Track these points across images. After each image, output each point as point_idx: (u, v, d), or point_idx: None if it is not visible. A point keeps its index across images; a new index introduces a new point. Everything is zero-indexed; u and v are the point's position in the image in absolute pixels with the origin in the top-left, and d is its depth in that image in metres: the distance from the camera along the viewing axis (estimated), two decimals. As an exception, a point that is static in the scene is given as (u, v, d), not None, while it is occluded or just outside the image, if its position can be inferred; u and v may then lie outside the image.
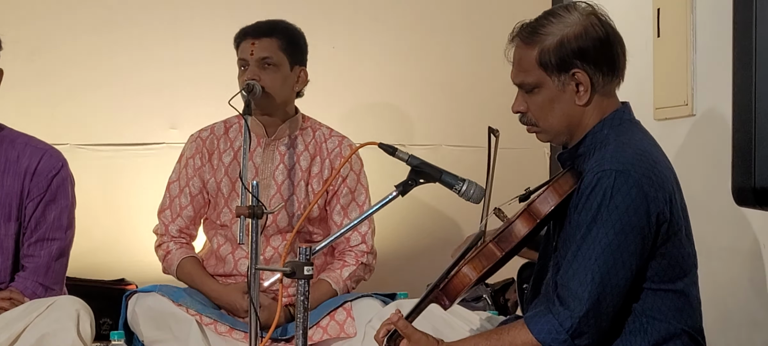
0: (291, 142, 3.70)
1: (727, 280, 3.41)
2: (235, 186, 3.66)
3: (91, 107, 4.45)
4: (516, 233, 2.54)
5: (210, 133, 3.74)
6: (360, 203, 3.71)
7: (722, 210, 3.44)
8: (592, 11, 2.56)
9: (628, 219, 2.43)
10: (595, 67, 2.53)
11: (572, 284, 2.45)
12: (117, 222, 4.44)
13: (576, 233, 2.48)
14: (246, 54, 3.60)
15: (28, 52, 4.31)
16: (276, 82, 3.58)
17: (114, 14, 4.47)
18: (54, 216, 3.38)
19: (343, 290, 3.66)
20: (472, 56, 4.70)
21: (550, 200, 2.54)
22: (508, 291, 4.08)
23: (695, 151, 3.63)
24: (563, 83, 2.55)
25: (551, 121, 2.59)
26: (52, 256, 3.38)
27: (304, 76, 3.71)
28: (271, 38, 3.61)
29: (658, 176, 2.49)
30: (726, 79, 3.48)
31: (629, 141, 2.54)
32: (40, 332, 3.10)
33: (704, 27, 3.61)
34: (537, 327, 2.47)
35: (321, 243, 2.81)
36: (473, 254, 2.56)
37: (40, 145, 3.43)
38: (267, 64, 3.59)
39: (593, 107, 2.57)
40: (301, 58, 3.71)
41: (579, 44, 2.52)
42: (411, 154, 2.81)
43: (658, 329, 2.53)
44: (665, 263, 2.53)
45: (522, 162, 4.64)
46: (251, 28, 3.66)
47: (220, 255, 3.71)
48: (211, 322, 3.46)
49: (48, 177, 3.37)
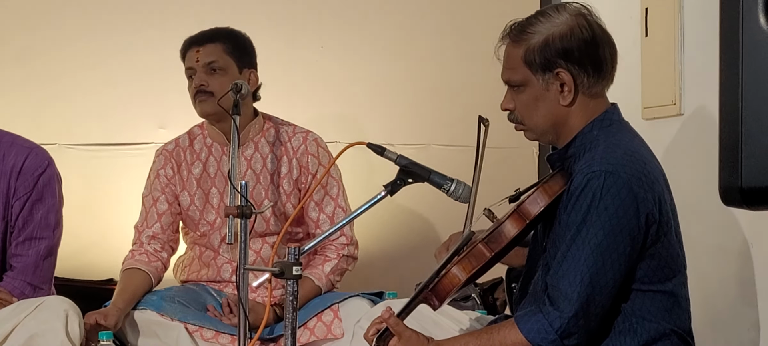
0: (255, 145, 3.68)
1: (716, 279, 3.42)
2: (208, 198, 3.67)
3: (79, 107, 4.44)
4: (505, 233, 2.55)
5: (175, 145, 3.75)
6: (334, 196, 3.69)
7: (710, 209, 3.44)
8: (581, 12, 2.57)
9: (618, 220, 2.44)
10: (580, 67, 2.54)
11: (562, 285, 2.46)
12: (105, 222, 4.42)
13: (565, 233, 2.49)
14: (192, 62, 3.61)
15: (15, 52, 4.30)
16: (225, 85, 3.54)
17: (102, 15, 4.46)
18: (41, 215, 3.38)
19: (326, 286, 3.65)
20: (461, 55, 4.70)
21: (539, 201, 2.54)
22: (497, 290, 4.08)
23: (683, 151, 3.63)
24: (547, 82, 2.56)
25: (536, 120, 2.61)
26: (40, 255, 3.38)
27: (255, 79, 3.69)
28: (215, 43, 3.61)
29: (647, 177, 2.49)
30: (714, 79, 3.48)
31: (619, 142, 2.55)
32: (28, 332, 3.10)
33: (692, 26, 3.62)
34: (526, 326, 2.48)
35: (309, 244, 2.82)
36: (463, 254, 2.57)
37: (26, 143, 3.43)
38: (213, 69, 3.58)
39: (579, 108, 2.58)
40: (250, 61, 3.69)
41: (564, 44, 2.53)
42: (399, 154, 2.82)
43: (647, 329, 2.54)
44: (655, 264, 2.53)
45: (511, 162, 4.64)
46: (194, 37, 3.66)
47: (203, 261, 3.72)
48: (196, 329, 3.45)
49: (34, 176, 3.37)
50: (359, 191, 3.77)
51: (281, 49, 4.56)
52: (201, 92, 3.59)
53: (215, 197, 3.67)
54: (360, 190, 3.88)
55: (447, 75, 4.73)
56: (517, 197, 2.62)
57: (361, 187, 3.83)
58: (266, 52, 4.55)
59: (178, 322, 3.44)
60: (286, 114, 3.95)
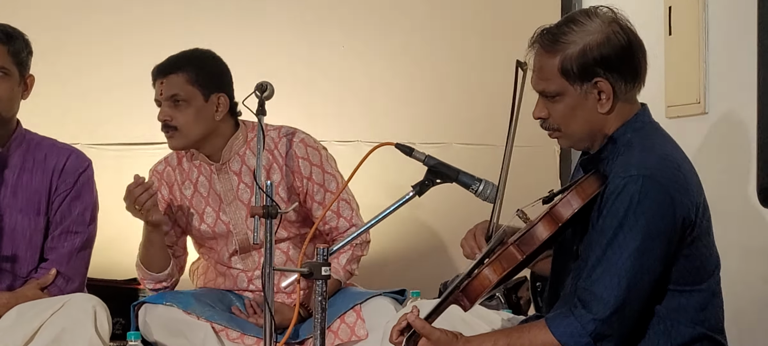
0: (241, 158, 3.66)
1: (741, 279, 3.41)
2: (203, 218, 3.67)
3: (102, 108, 4.44)
4: (537, 236, 2.53)
5: (165, 165, 3.76)
6: (334, 191, 3.64)
7: (736, 209, 3.44)
8: (614, 18, 2.54)
9: (656, 224, 2.43)
10: (618, 75, 2.52)
11: (596, 288, 2.44)
12: (128, 221, 4.43)
13: (601, 238, 2.47)
14: (157, 95, 3.60)
15: (40, 53, 4.30)
16: (188, 117, 3.54)
17: (125, 16, 4.46)
18: (78, 211, 3.51)
19: (345, 277, 3.65)
20: (482, 54, 4.69)
21: (573, 203, 2.52)
22: (521, 289, 4.08)
23: (708, 150, 3.62)
24: (585, 92, 2.54)
25: (574, 128, 2.59)
26: (75, 247, 3.49)
27: (225, 102, 3.61)
28: (178, 74, 3.57)
29: (683, 180, 2.49)
30: (739, 77, 3.49)
31: (653, 145, 2.53)
32: (57, 328, 3.17)
33: (716, 25, 3.61)
34: (559, 329, 2.46)
35: (338, 243, 2.82)
36: (494, 256, 2.55)
37: (66, 146, 3.60)
38: (176, 101, 3.55)
39: (615, 114, 2.57)
40: (218, 84, 3.62)
41: (601, 53, 2.50)
42: (428, 155, 2.81)
43: (681, 332, 2.53)
44: (689, 266, 2.53)
45: (532, 160, 4.63)
46: (160, 66, 3.63)
47: (218, 271, 3.74)
48: (222, 328, 3.46)
49: (75, 174, 3.52)
50: (387, 190, 3.75)
51: (303, 50, 4.56)
52: (166, 127, 3.58)
53: (210, 216, 3.67)
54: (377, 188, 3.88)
55: (468, 74, 4.73)
56: (551, 198, 2.61)
57: (378, 185, 3.81)
58: (288, 52, 4.57)
59: (204, 321, 3.44)
60: (307, 114, 3.95)
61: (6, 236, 3.42)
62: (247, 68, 3.80)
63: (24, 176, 3.46)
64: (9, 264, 3.41)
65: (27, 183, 3.46)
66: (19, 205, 3.44)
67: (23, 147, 3.49)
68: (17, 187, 3.45)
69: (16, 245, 3.42)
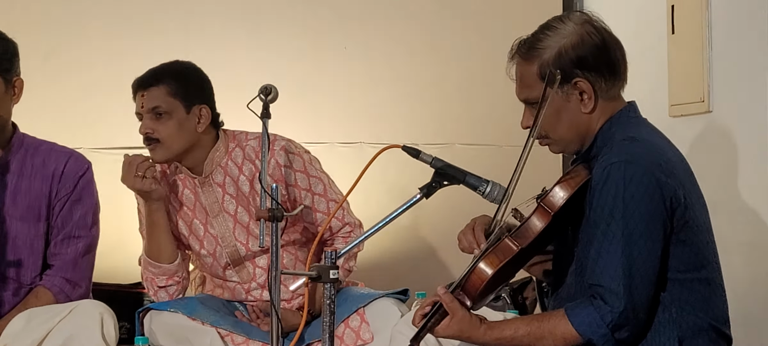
0: (223, 169, 3.63)
1: (745, 277, 3.42)
2: (192, 230, 3.65)
3: (103, 111, 4.44)
4: (532, 228, 2.57)
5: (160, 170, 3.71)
6: (322, 193, 3.63)
7: (740, 207, 3.45)
8: (587, 19, 2.62)
9: (645, 207, 2.47)
10: (596, 73, 2.59)
11: (603, 281, 2.48)
12: (130, 225, 4.42)
13: (595, 230, 2.52)
14: (138, 107, 3.58)
15: (41, 56, 4.31)
16: (170, 130, 3.53)
17: (126, 19, 4.46)
18: (80, 215, 3.49)
19: (345, 275, 3.64)
20: (484, 54, 4.69)
21: (561, 192, 2.57)
22: (527, 289, 4.08)
23: (713, 149, 3.62)
24: (567, 93, 2.60)
25: (561, 132, 2.65)
26: (79, 252, 3.48)
27: (207, 113, 3.59)
28: (159, 86, 3.55)
29: (667, 164, 2.53)
30: (743, 76, 3.49)
31: (635, 134, 2.58)
32: (64, 334, 3.16)
33: (720, 24, 3.61)
34: (578, 319, 2.50)
35: (345, 247, 2.81)
36: (490, 249, 2.59)
37: (65, 149, 3.55)
38: (158, 113, 3.53)
39: (599, 112, 2.62)
40: (200, 96, 3.60)
41: (577, 53, 2.57)
42: (435, 157, 2.81)
43: (687, 321, 2.56)
44: (687, 251, 2.55)
45: (535, 161, 4.58)
46: (140, 78, 3.60)
47: (216, 283, 3.72)
48: (227, 333, 3.45)
49: (75, 178, 3.49)
50: (392, 192, 3.74)
51: (305, 51, 4.56)
52: (148, 140, 3.56)
53: (200, 229, 3.65)
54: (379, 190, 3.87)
55: (470, 74, 4.73)
56: (544, 195, 2.64)
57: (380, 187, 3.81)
58: (290, 54, 4.56)
59: (210, 326, 3.43)
60: (310, 117, 3.93)
61: (8, 243, 3.40)
62: (249, 71, 3.79)
63: (23, 182, 3.44)
64: (13, 271, 3.39)
65: (26, 189, 3.44)
66: (19, 212, 3.42)
67: (21, 152, 3.46)
68: (16, 193, 3.43)
69: (18, 252, 3.41)
